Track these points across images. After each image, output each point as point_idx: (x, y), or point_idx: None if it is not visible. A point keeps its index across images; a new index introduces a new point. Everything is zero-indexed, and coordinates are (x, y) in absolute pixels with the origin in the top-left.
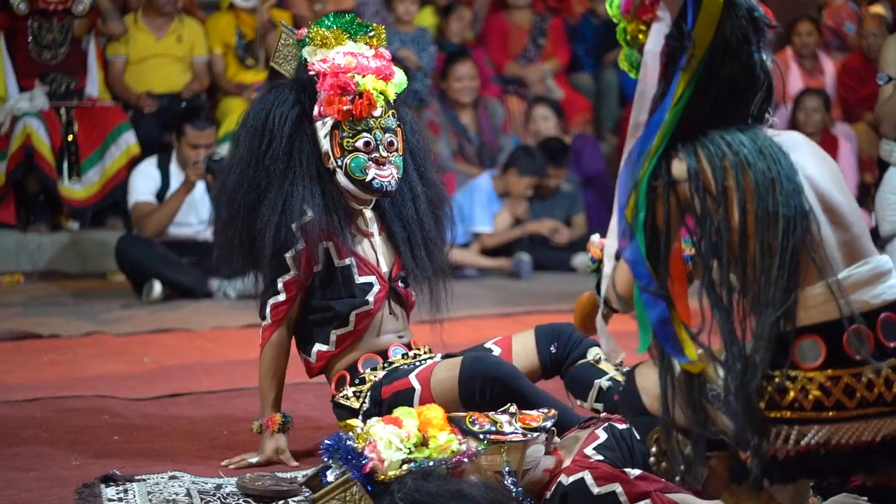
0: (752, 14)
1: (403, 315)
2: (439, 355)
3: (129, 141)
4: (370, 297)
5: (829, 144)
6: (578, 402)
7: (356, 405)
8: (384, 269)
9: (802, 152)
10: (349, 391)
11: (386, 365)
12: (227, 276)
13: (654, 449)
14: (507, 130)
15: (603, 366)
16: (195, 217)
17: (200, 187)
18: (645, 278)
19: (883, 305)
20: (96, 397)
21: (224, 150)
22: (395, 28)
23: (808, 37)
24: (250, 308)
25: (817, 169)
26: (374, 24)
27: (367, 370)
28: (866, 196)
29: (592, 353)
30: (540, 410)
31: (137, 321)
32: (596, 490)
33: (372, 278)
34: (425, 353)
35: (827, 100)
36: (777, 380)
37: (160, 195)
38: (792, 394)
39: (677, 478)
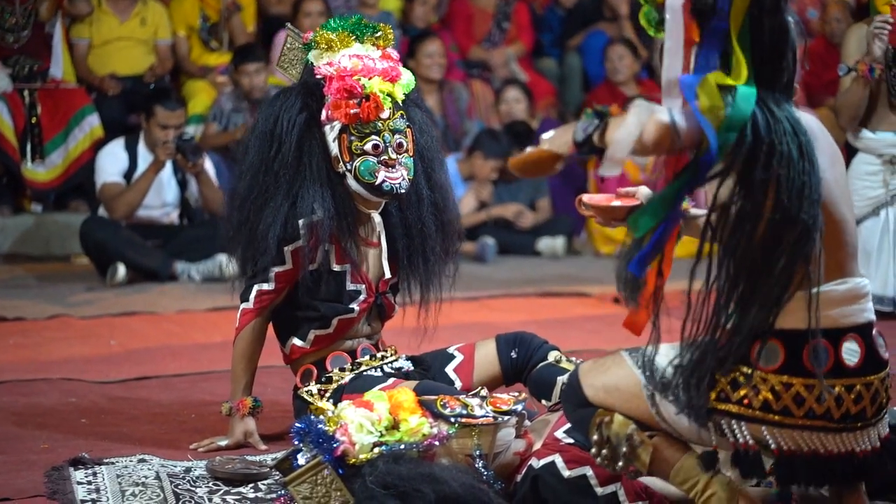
0: None
1: (378, 322)
2: (403, 356)
3: (92, 123)
4: (355, 306)
5: None
6: (543, 403)
7: (318, 403)
8: (375, 278)
9: (820, 148)
10: (314, 387)
11: (354, 366)
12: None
13: (594, 437)
14: (471, 114)
15: (564, 365)
16: (160, 200)
17: (167, 170)
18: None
19: (850, 326)
20: (63, 380)
21: (192, 130)
22: (358, 11)
23: None
24: (215, 291)
25: (831, 173)
26: (381, 25)
27: (336, 369)
28: None
29: (553, 356)
30: (511, 394)
31: (102, 304)
32: (566, 473)
33: (361, 287)
34: (391, 354)
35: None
36: (732, 374)
37: (127, 176)
38: (743, 391)
39: (619, 464)
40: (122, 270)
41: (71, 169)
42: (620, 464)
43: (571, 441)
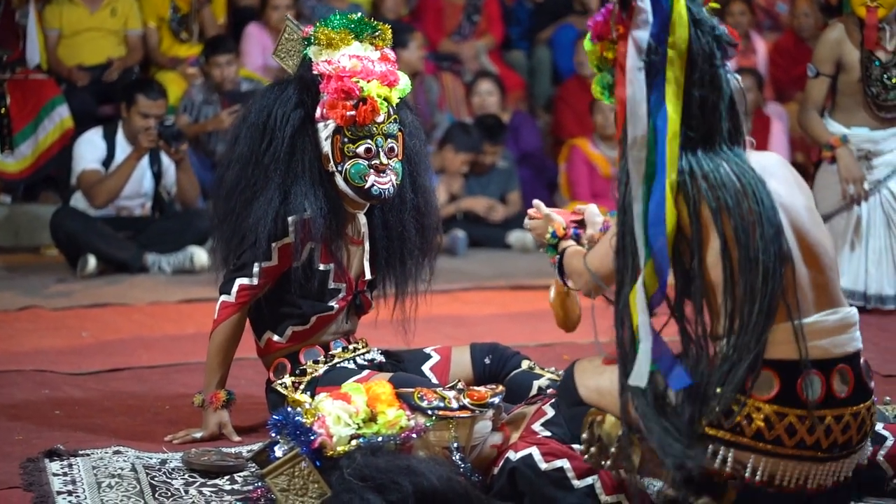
0: (714, 32)
1: (355, 318)
2: (375, 349)
3: (62, 114)
4: (334, 304)
5: (762, 124)
6: None
7: (295, 395)
8: (355, 276)
9: (779, 178)
10: (287, 380)
11: (327, 358)
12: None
13: (584, 435)
14: (442, 107)
15: (539, 371)
16: (137, 190)
17: (143, 161)
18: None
19: (841, 356)
20: (35, 372)
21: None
22: (328, 4)
23: (741, 16)
24: (186, 283)
25: (794, 200)
26: (381, 24)
27: (309, 362)
28: (804, 175)
29: (526, 364)
30: (488, 387)
31: (73, 296)
32: (543, 466)
33: (342, 285)
34: (362, 347)
35: (759, 79)
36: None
37: (105, 165)
38: (737, 419)
39: (607, 463)
40: (92, 262)
41: (41, 160)
42: (608, 463)
43: (549, 434)
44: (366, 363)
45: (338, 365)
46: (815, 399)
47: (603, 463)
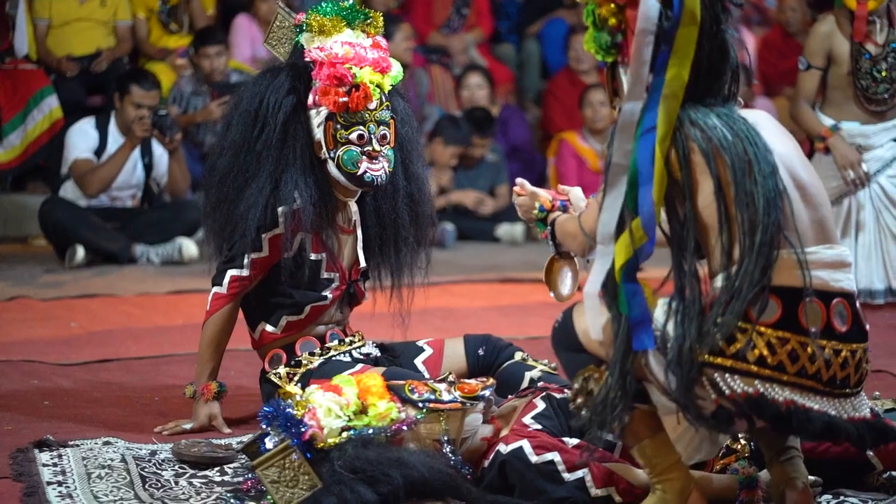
0: None
1: (348, 309)
2: (371, 342)
3: (51, 105)
4: (328, 293)
5: None
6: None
7: (286, 387)
8: (348, 266)
9: (769, 131)
10: (282, 370)
11: (323, 350)
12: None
13: (577, 386)
14: (431, 100)
15: (531, 363)
16: (129, 181)
17: (135, 153)
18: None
19: (839, 291)
20: (24, 362)
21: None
22: None
23: None
24: (174, 274)
25: (785, 147)
26: (372, 12)
27: (305, 354)
28: None
29: (519, 355)
30: (478, 379)
31: (62, 286)
32: (534, 459)
33: (335, 275)
34: (358, 340)
35: (748, 74)
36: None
37: (97, 155)
38: (739, 345)
39: (591, 420)
40: (80, 252)
41: (29, 150)
42: (592, 420)
43: (539, 427)
44: (361, 357)
45: (333, 358)
46: (817, 326)
47: (588, 418)
